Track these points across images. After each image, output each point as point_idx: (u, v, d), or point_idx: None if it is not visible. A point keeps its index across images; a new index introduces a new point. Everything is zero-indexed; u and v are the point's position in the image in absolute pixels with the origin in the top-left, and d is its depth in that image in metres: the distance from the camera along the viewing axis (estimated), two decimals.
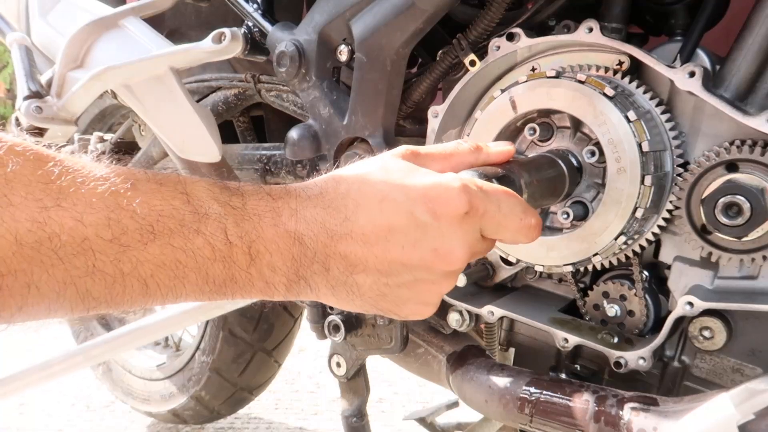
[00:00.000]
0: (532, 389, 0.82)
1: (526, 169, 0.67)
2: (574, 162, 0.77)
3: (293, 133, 0.99)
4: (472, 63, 0.85)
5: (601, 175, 0.77)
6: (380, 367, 1.96)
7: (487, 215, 0.56)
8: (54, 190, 0.43)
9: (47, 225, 0.43)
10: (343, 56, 0.94)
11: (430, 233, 0.53)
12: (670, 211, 0.77)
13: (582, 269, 0.85)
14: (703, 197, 0.73)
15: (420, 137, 0.95)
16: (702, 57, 0.78)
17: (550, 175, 0.72)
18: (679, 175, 0.76)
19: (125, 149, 1.47)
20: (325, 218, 0.53)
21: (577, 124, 0.79)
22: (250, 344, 1.63)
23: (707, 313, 0.75)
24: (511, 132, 0.82)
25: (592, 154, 0.75)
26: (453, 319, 0.93)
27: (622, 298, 0.84)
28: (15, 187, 0.42)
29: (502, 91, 0.81)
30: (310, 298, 0.56)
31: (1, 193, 0.41)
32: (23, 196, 0.42)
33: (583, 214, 0.78)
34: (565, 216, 0.77)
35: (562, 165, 0.74)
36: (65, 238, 0.43)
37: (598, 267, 0.82)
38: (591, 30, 0.77)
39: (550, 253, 0.80)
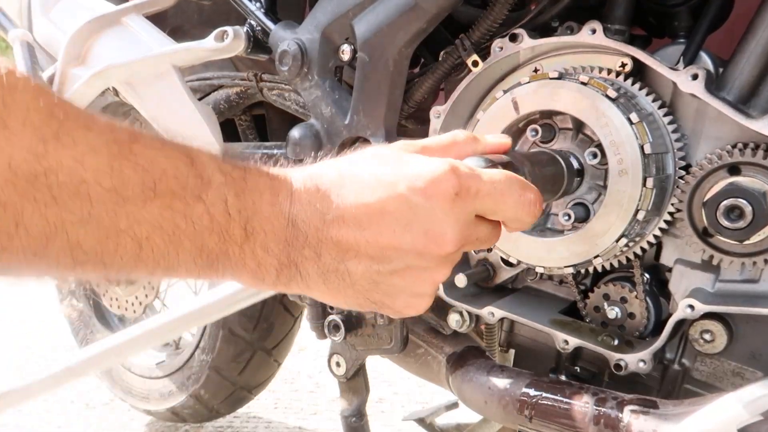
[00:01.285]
0: (532, 391, 0.82)
1: (528, 159, 0.67)
2: (573, 162, 0.77)
3: (295, 132, 0.99)
4: (475, 63, 0.85)
5: (603, 176, 0.77)
6: (380, 367, 1.95)
7: (480, 194, 0.54)
8: (54, 124, 0.40)
9: (44, 159, 0.39)
10: (346, 56, 0.94)
11: (422, 215, 0.52)
12: (671, 214, 0.77)
13: (583, 271, 0.85)
14: (705, 200, 0.73)
15: (422, 137, 0.95)
16: (705, 59, 0.78)
17: (550, 168, 0.72)
18: (681, 177, 0.75)
19: None
20: (319, 202, 0.52)
21: (579, 126, 0.79)
22: (249, 343, 1.62)
23: (708, 316, 0.75)
24: (513, 133, 0.82)
25: (594, 155, 0.75)
26: (453, 319, 0.93)
27: (623, 300, 0.84)
28: (13, 112, 0.38)
29: (505, 92, 0.81)
30: (300, 289, 0.54)
31: None
32: (21, 123, 0.38)
33: (584, 215, 0.78)
34: (567, 218, 0.77)
35: (561, 162, 0.74)
36: (62, 177, 0.40)
37: (599, 269, 0.81)
38: (594, 32, 0.77)
39: (551, 255, 0.80)
